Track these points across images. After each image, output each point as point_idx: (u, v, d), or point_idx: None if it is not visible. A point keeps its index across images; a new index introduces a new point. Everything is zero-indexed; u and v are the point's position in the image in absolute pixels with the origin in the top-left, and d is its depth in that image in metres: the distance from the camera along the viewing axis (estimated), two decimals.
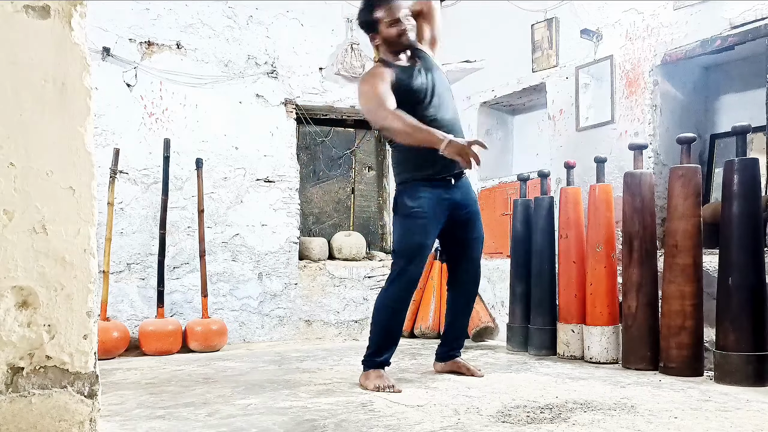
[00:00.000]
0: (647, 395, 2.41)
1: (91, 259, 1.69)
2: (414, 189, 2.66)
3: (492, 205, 4.47)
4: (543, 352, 3.50)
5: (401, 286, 2.63)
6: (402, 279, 2.63)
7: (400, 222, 2.69)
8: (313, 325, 4.58)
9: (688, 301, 2.82)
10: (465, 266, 2.87)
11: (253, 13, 4.51)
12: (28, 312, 1.61)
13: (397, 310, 2.65)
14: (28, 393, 1.60)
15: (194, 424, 2.05)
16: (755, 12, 2.87)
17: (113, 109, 4.11)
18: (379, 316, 2.66)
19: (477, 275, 2.93)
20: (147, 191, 4.18)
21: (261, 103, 4.52)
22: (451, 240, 2.85)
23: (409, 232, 2.64)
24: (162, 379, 2.94)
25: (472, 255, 2.87)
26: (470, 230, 2.82)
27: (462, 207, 2.76)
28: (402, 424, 1.99)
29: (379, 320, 2.66)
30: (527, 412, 2.13)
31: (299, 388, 2.63)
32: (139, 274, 4.13)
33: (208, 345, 3.91)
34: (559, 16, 3.91)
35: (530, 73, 4.12)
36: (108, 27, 4.10)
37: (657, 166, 3.36)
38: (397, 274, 2.64)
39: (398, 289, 2.63)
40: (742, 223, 2.64)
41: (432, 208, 2.65)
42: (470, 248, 2.86)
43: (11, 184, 1.59)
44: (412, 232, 2.64)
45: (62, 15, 1.65)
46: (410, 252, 2.63)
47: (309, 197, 4.92)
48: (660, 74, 3.38)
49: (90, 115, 1.69)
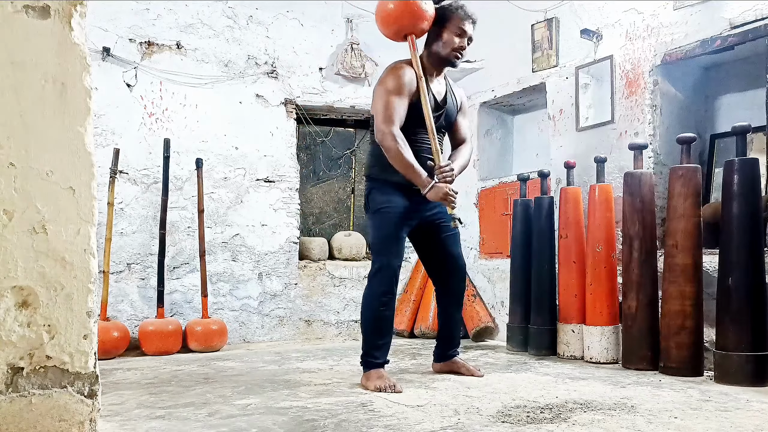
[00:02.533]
0: (647, 395, 2.41)
1: (91, 259, 1.69)
2: (384, 186, 2.70)
3: (492, 205, 4.47)
4: (543, 352, 3.50)
5: (382, 280, 2.64)
6: (382, 273, 2.64)
7: (373, 218, 2.72)
8: (313, 325, 4.58)
9: (688, 301, 2.82)
10: (447, 264, 2.86)
11: (253, 13, 4.51)
12: (28, 312, 1.61)
13: (382, 305, 2.65)
14: (28, 393, 1.60)
15: (194, 424, 2.05)
16: (755, 12, 2.87)
17: (113, 109, 4.10)
18: (366, 313, 2.68)
19: (461, 270, 2.90)
20: (147, 191, 4.18)
21: (261, 103, 4.52)
22: (427, 242, 2.86)
23: (383, 226, 2.67)
24: (162, 379, 2.94)
25: (451, 251, 2.85)
26: (443, 227, 2.82)
27: (432, 207, 2.77)
28: (402, 424, 1.99)
29: (367, 317, 2.68)
30: (527, 412, 2.13)
31: (299, 388, 2.63)
32: (139, 274, 4.13)
33: (208, 345, 3.91)
34: (559, 16, 3.92)
35: (530, 73, 4.12)
36: (108, 27, 4.10)
37: (657, 166, 3.36)
38: (377, 269, 2.65)
39: (379, 283, 2.64)
40: (742, 223, 2.64)
41: (402, 203, 2.68)
42: (448, 245, 2.84)
43: (11, 184, 1.59)
44: (385, 225, 2.66)
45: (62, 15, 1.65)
46: (386, 245, 2.66)
47: (309, 197, 4.92)
48: (660, 74, 3.38)
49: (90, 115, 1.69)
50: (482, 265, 4.51)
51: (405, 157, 2.53)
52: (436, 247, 2.86)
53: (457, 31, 2.66)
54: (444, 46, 2.68)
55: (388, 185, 2.69)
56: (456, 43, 2.66)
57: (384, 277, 2.64)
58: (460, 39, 2.67)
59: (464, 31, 2.67)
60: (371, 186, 2.75)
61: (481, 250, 4.54)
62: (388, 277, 2.65)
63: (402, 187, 2.68)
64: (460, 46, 2.68)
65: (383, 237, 2.67)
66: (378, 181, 2.73)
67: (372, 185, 2.75)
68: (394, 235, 2.67)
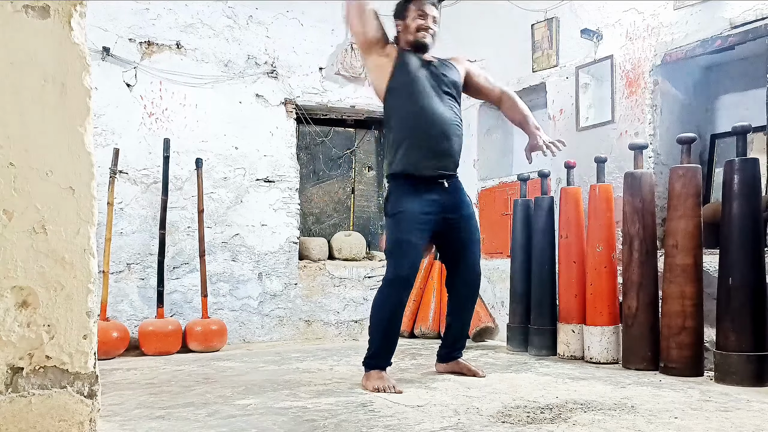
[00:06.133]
0: (648, 395, 2.40)
1: (91, 259, 1.69)
2: (404, 189, 2.68)
3: (492, 205, 4.47)
4: (543, 352, 3.50)
5: (396, 285, 2.63)
6: (396, 279, 2.62)
7: (391, 222, 2.70)
8: (313, 325, 4.58)
9: (688, 301, 2.82)
10: (463, 270, 2.85)
11: (253, 13, 4.51)
12: (27, 312, 1.61)
13: (394, 310, 2.64)
14: (28, 393, 1.59)
15: (194, 424, 2.04)
16: (755, 12, 2.87)
17: (113, 109, 4.10)
18: (376, 317, 2.66)
19: (476, 278, 2.89)
20: (147, 191, 4.18)
21: (261, 103, 4.52)
22: (447, 244, 2.85)
23: (400, 231, 2.64)
24: (162, 379, 2.93)
25: (469, 258, 2.84)
26: (465, 233, 2.80)
27: (455, 210, 2.75)
28: (402, 425, 1.99)
29: (377, 321, 2.66)
30: (527, 412, 2.13)
31: (299, 388, 2.62)
32: (139, 274, 4.13)
33: (207, 345, 3.90)
34: (559, 16, 3.91)
35: (530, 73, 4.12)
36: (108, 27, 4.10)
37: (657, 166, 3.36)
38: (391, 275, 2.64)
39: (393, 289, 2.63)
40: (742, 223, 2.64)
41: (422, 208, 2.66)
42: (467, 251, 2.83)
43: (11, 184, 1.59)
44: (403, 231, 2.64)
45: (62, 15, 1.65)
46: (402, 251, 2.63)
47: (309, 197, 4.92)
48: (660, 74, 3.37)
49: (90, 115, 1.69)
50: (482, 265, 4.47)
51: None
52: (454, 250, 2.84)
53: (418, 13, 2.74)
54: (409, 31, 2.76)
55: (408, 184, 2.66)
56: (416, 25, 2.74)
57: (396, 287, 2.62)
58: (421, 20, 2.74)
59: (425, 12, 2.74)
60: (391, 187, 2.73)
61: (482, 250, 4.53)
62: (399, 286, 2.62)
63: (423, 184, 2.66)
64: (421, 25, 2.74)
65: (399, 243, 2.64)
66: (398, 179, 2.70)
67: (392, 185, 2.74)
68: (410, 242, 2.63)
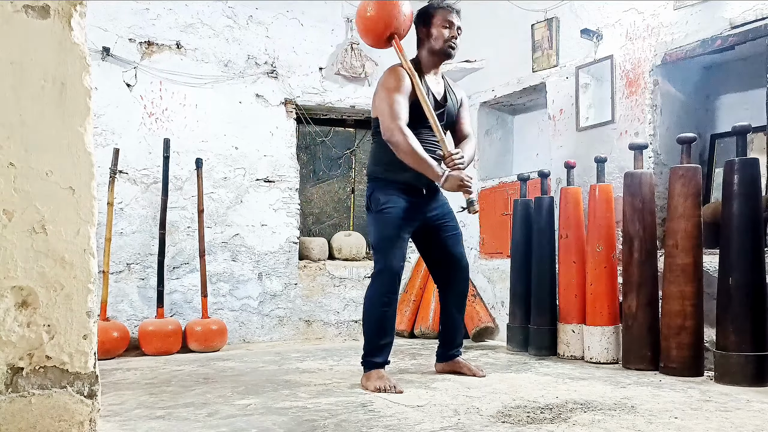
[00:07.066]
0: (647, 395, 2.40)
1: (91, 259, 1.69)
2: (386, 186, 2.70)
3: (492, 205, 4.47)
4: (543, 352, 3.50)
5: (384, 280, 2.65)
6: (384, 274, 2.64)
7: (375, 218, 2.72)
8: (313, 326, 4.58)
9: (688, 301, 2.82)
10: (450, 264, 2.87)
11: (253, 13, 4.51)
12: (27, 312, 1.61)
13: (384, 306, 2.65)
14: (28, 393, 1.59)
15: (194, 424, 2.04)
16: (755, 12, 2.87)
17: (113, 109, 4.10)
18: (368, 313, 2.68)
19: (464, 270, 2.91)
20: (147, 191, 4.18)
21: (261, 103, 4.52)
22: (429, 242, 2.87)
23: (384, 226, 2.67)
24: (162, 379, 2.93)
25: (454, 252, 2.86)
26: (446, 227, 2.84)
27: (434, 208, 2.80)
28: (402, 425, 1.99)
29: (369, 317, 2.68)
30: (527, 412, 2.13)
31: (299, 388, 2.63)
32: (139, 274, 4.13)
33: (207, 345, 3.90)
34: (559, 16, 3.91)
35: (530, 73, 4.12)
36: (108, 27, 4.10)
37: (657, 166, 3.36)
38: (378, 270, 2.66)
39: (382, 284, 2.65)
40: (742, 223, 2.64)
41: (404, 204, 2.69)
42: (450, 245, 2.85)
43: (11, 184, 1.59)
44: (387, 226, 2.66)
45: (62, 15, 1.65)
46: (388, 246, 2.65)
47: (309, 197, 4.92)
48: (660, 74, 3.37)
49: (90, 115, 1.69)
50: (482, 265, 4.51)
51: (416, 150, 2.54)
52: (438, 248, 2.86)
53: (445, 24, 2.75)
54: (436, 40, 2.75)
55: (390, 185, 2.70)
56: (446, 35, 2.75)
57: (386, 278, 2.64)
58: (449, 30, 2.75)
59: (451, 22, 2.76)
60: (373, 186, 2.75)
61: (482, 250, 4.54)
62: (390, 278, 2.65)
63: (404, 187, 2.70)
64: (451, 36, 2.76)
65: (385, 238, 2.67)
66: (380, 181, 2.73)
67: (374, 185, 2.75)
68: (396, 236, 2.67)
